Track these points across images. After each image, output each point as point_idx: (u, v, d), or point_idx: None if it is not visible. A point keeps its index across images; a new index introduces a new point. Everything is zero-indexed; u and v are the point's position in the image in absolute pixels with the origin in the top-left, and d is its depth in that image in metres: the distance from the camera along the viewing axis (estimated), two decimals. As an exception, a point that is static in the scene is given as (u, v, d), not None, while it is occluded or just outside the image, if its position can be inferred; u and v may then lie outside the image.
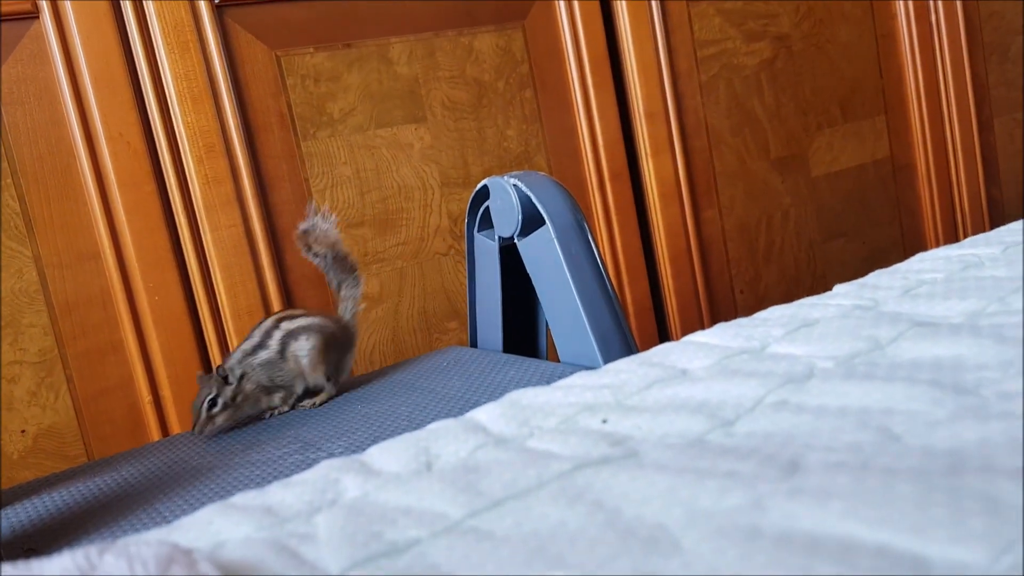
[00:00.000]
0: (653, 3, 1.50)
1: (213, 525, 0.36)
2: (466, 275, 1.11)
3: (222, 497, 0.39)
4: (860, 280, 0.62)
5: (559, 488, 0.33)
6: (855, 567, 0.23)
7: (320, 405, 0.93)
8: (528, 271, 1.00)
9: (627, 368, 0.49)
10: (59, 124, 1.10)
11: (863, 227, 1.79)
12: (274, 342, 0.91)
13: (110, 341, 1.13)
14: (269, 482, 0.41)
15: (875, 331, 0.47)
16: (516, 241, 1.00)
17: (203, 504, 0.39)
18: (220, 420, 0.87)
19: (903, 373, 0.40)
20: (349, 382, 1.00)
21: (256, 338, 0.91)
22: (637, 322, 1.53)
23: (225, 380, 0.88)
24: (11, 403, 1.08)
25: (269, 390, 0.91)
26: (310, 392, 0.94)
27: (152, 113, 1.14)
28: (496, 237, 1.03)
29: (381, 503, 0.36)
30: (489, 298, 1.08)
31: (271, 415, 0.92)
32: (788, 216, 1.69)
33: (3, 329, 1.08)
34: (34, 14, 1.08)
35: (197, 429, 0.87)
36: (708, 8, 1.58)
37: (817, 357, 0.46)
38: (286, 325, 0.92)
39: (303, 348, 0.91)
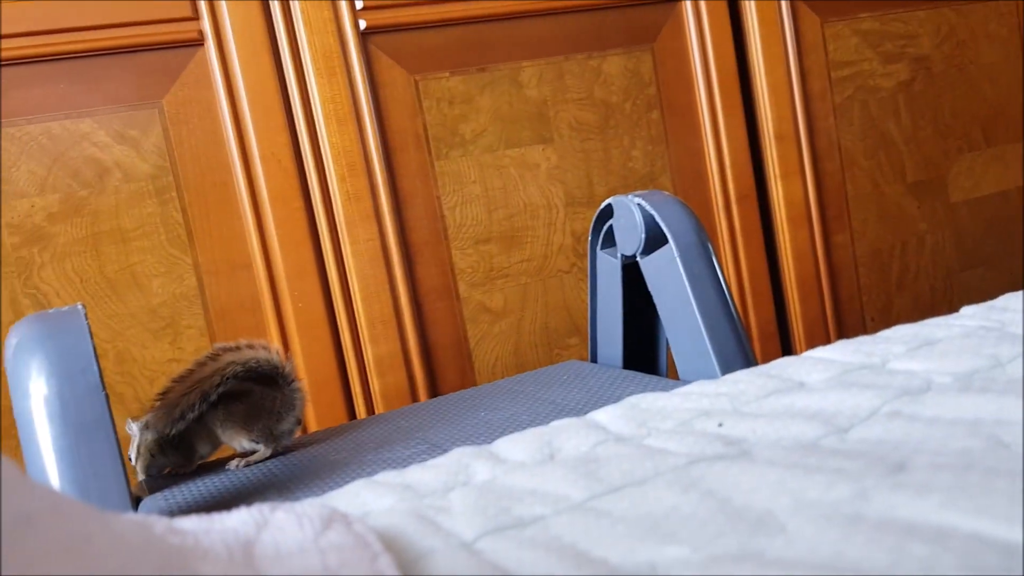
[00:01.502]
0: (786, 25, 1.50)
1: (360, 497, 0.40)
2: (587, 292, 1.14)
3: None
4: (989, 303, 0.61)
5: (673, 478, 0.36)
6: (948, 549, 0.25)
7: (250, 465, 0.90)
8: (650, 289, 1.02)
9: (745, 378, 0.51)
10: (218, 143, 1.20)
11: (1004, 256, 1.72)
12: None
13: (257, 344, 1.22)
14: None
15: (996, 350, 0.48)
16: (638, 259, 1.02)
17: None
18: (138, 468, 0.87)
19: (1020, 388, 0.40)
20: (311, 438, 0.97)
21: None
22: (761, 347, 1.52)
23: (146, 427, 0.86)
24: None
25: (174, 447, 0.89)
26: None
27: (301, 134, 1.23)
28: (619, 255, 1.06)
29: (508, 485, 0.39)
30: (610, 315, 1.10)
31: (234, 467, 0.89)
32: (924, 242, 1.64)
33: (164, 330, 1.18)
34: (200, 42, 1.18)
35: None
36: (844, 29, 1.56)
37: (936, 373, 0.46)
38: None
39: (220, 417, 0.88)
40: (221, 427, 0.89)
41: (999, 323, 0.55)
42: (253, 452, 0.91)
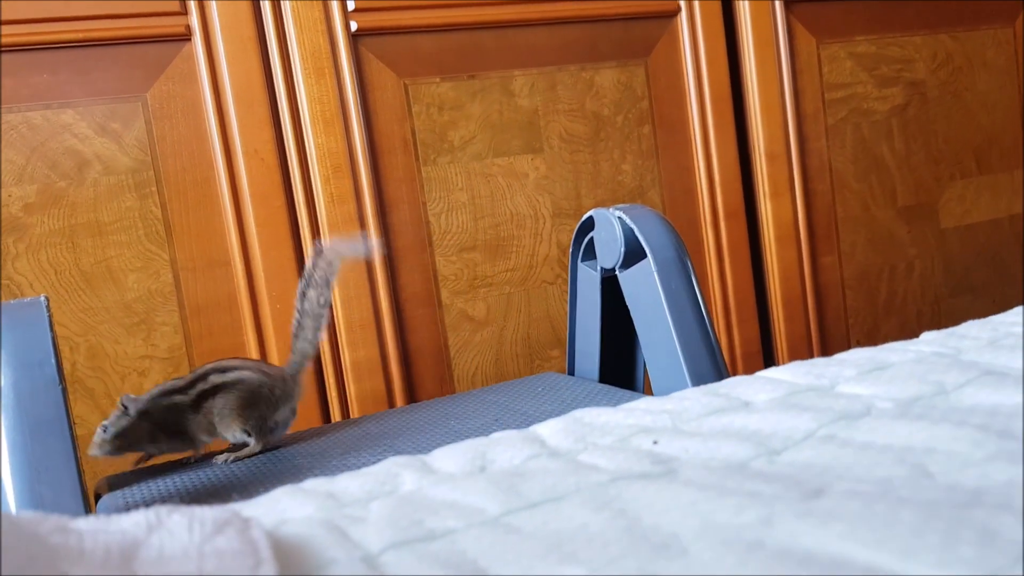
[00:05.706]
0: (782, 44, 1.49)
1: (280, 504, 0.39)
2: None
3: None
4: (950, 329, 0.61)
5: (591, 495, 0.35)
6: (837, 581, 0.24)
7: (239, 460, 0.91)
8: (627, 303, 1.01)
9: (691, 396, 0.50)
10: (201, 139, 1.20)
11: (994, 284, 1.71)
12: (195, 392, 0.90)
13: (233, 344, 1.21)
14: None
15: (944, 377, 0.47)
16: (617, 273, 1.01)
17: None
18: (108, 448, 0.87)
19: (956, 417, 0.39)
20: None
21: (183, 381, 0.90)
22: (744, 365, 1.51)
23: (125, 411, 0.87)
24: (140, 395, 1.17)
25: (171, 434, 0.90)
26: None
27: (286, 133, 1.22)
28: (599, 268, 1.05)
29: (431, 497, 0.38)
30: (588, 327, 1.10)
31: (223, 461, 0.90)
32: (913, 267, 1.63)
33: (138, 326, 1.17)
34: (187, 37, 1.18)
35: (90, 449, 0.88)
36: (840, 51, 1.56)
37: (879, 398, 0.46)
38: (214, 379, 0.90)
39: (217, 406, 0.90)
40: (218, 415, 0.90)
41: (955, 350, 0.54)
42: (244, 445, 0.91)
